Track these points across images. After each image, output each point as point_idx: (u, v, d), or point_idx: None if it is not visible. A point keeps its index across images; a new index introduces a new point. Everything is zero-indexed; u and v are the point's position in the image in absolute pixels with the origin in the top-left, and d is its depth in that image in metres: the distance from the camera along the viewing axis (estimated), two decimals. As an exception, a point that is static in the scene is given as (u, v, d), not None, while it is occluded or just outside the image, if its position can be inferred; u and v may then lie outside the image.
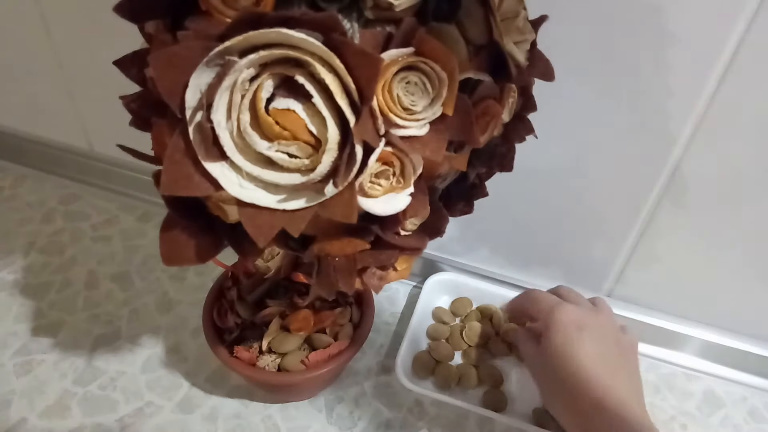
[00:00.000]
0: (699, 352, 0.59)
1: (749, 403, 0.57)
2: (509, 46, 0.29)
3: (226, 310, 0.51)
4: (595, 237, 0.56)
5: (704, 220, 0.51)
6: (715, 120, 0.45)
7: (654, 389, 0.57)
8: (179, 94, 0.25)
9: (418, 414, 0.53)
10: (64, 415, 0.51)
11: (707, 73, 0.43)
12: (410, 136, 0.27)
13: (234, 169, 0.26)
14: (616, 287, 0.59)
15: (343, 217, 0.26)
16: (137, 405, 0.52)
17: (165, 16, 0.26)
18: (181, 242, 0.29)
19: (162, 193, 0.26)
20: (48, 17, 0.61)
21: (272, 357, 0.49)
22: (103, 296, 0.61)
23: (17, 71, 0.68)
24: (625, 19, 0.42)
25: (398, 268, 0.36)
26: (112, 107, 0.34)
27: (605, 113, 0.48)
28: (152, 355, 0.56)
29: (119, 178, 0.72)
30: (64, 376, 0.54)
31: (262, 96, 0.25)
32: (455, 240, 0.61)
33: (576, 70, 0.45)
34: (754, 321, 0.57)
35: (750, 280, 0.54)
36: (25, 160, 0.77)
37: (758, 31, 0.40)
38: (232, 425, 0.51)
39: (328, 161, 0.26)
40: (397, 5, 0.25)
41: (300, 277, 0.49)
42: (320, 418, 0.52)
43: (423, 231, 0.34)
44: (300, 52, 0.24)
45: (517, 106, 0.34)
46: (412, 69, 0.26)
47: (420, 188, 0.29)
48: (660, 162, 0.49)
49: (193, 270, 0.65)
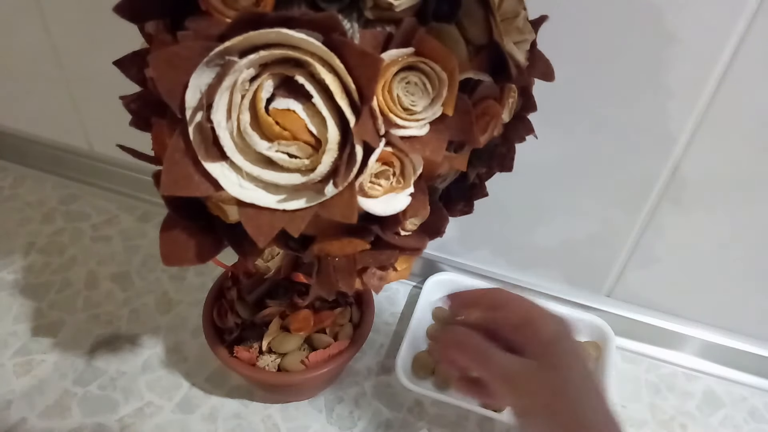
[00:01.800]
0: (699, 352, 0.59)
1: (749, 403, 0.57)
2: (509, 47, 0.29)
3: (226, 310, 0.51)
4: (595, 237, 0.56)
5: (704, 220, 0.51)
6: (715, 120, 0.45)
7: (654, 389, 0.57)
8: (179, 94, 0.25)
9: (418, 414, 0.53)
10: (64, 415, 0.51)
11: (707, 73, 0.43)
12: (410, 136, 0.27)
13: (234, 169, 0.26)
14: (616, 287, 0.59)
15: (343, 218, 0.26)
16: (137, 405, 0.52)
17: (165, 16, 0.26)
18: (181, 242, 0.29)
19: (162, 193, 0.26)
20: (48, 17, 0.61)
21: (272, 357, 0.49)
22: (103, 296, 0.61)
23: (17, 71, 0.68)
24: (625, 19, 0.42)
25: (398, 268, 0.35)
26: (112, 107, 0.34)
27: (605, 113, 0.47)
28: (152, 355, 0.56)
29: (119, 178, 0.72)
30: (64, 376, 0.54)
31: (262, 96, 0.25)
32: (455, 240, 0.61)
33: (576, 71, 0.45)
34: (754, 321, 0.57)
35: (750, 280, 0.54)
36: (25, 160, 0.77)
37: (758, 31, 0.40)
38: (232, 425, 0.51)
39: (328, 161, 0.26)
40: (397, 5, 0.25)
41: (300, 277, 0.49)
42: (320, 418, 0.52)
43: (423, 231, 0.33)
44: (300, 53, 0.24)
45: (517, 106, 0.34)
46: (412, 69, 0.26)
47: (420, 188, 0.29)
48: (660, 162, 0.49)
49: (193, 270, 0.65)
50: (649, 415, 0.55)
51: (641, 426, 0.54)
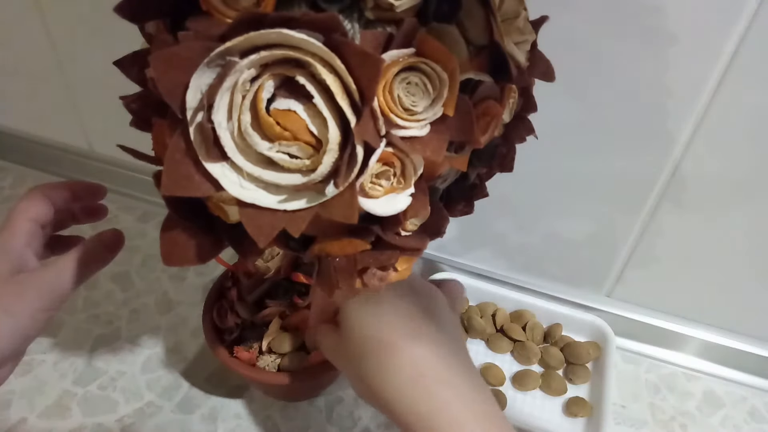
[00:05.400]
0: (699, 352, 0.59)
1: (749, 403, 0.57)
2: (510, 47, 0.29)
3: (226, 310, 0.51)
4: (595, 237, 0.56)
5: (704, 220, 0.51)
6: (715, 120, 0.45)
7: (654, 389, 0.57)
8: (180, 95, 0.25)
9: (418, 414, 0.53)
10: (64, 415, 0.51)
11: (707, 73, 0.43)
12: (411, 136, 0.27)
13: (235, 169, 0.26)
14: (616, 287, 0.59)
15: (343, 218, 0.26)
16: (137, 405, 0.52)
17: (165, 17, 0.26)
18: (181, 242, 0.29)
19: (162, 194, 0.26)
20: (48, 17, 0.61)
21: (272, 357, 0.49)
22: (103, 296, 0.61)
23: (17, 71, 0.68)
24: (625, 18, 0.42)
25: (398, 268, 0.35)
26: (112, 107, 0.34)
27: (605, 113, 0.47)
28: (152, 355, 0.56)
29: (119, 178, 0.72)
30: (64, 376, 0.54)
31: (263, 96, 0.25)
32: (455, 240, 0.61)
33: (576, 71, 0.45)
34: (754, 321, 0.57)
35: (750, 280, 0.54)
36: (25, 160, 0.77)
37: (758, 31, 0.40)
38: (232, 425, 0.51)
39: (329, 162, 0.25)
40: (397, 6, 0.25)
41: (300, 277, 0.49)
42: (320, 418, 0.52)
43: (423, 231, 0.33)
44: (301, 53, 0.24)
45: (518, 107, 0.34)
46: (413, 69, 0.26)
47: (420, 189, 0.29)
48: (660, 162, 0.49)
49: (193, 270, 0.65)
50: (649, 415, 0.55)
51: (641, 426, 0.54)
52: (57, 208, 0.40)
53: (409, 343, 0.35)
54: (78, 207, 0.43)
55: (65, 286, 0.36)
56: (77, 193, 0.42)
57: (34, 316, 0.34)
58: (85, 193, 0.43)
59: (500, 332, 0.59)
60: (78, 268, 0.36)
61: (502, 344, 0.58)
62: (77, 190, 0.42)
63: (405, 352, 0.34)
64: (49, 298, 0.35)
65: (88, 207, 0.44)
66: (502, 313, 0.60)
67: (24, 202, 0.39)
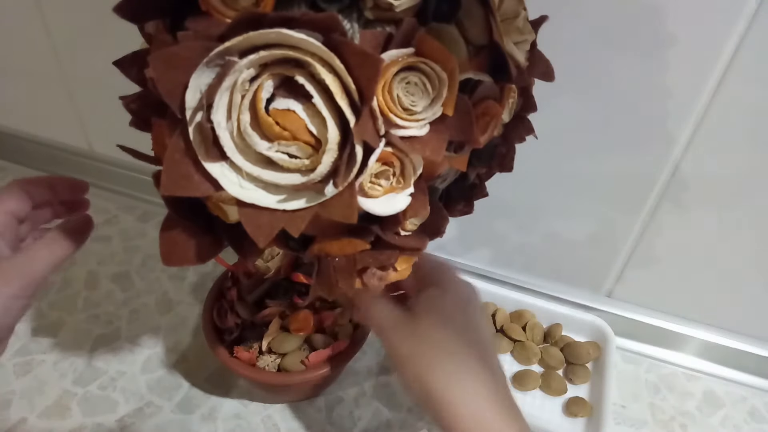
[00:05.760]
0: (699, 352, 0.59)
1: (749, 403, 0.57)
2: (509, 47, 0.29)
3: (226, 310, 0.51)
4: (596, 237, 0.56)
5: (704, 220, 0.51)
6: (715, 120, 0.45)
7: (654, 389, 0.57)
8: (179, 95, 0.25)
9: (418, 414, 0.53)
10: (64, 415, 0.51)
11: (707, 73, 0.43)
12: (410, 136, 0.27)
13: (234, 169, 0.26)
14: (616, 287, 0.59)
15: (343, 218, 0.26)
16: (137, 405, 0.52)
17: (165, 17, 0.26)
18: (181, 242, 0.29)
19: (162, 194, 0.26)
20: (48, 17, 0.61)
21: (272, 357, 0.49)
22: (103, 296, 0.61)
23: (17, 71, 0.68)
24: (625, 18, 0.42)
25: (398, 268, 0.35)
26: (112, 107, 0.34)
27: (605, 113, 0.47)
28: (152, 355, 0.56)
29: (119, 178, 0.72)
30: (64, 376, 0.54)
31: (263, 96, 0.25)
32: (455, 240, 0.61)
33: (576, 71, 0.45)
34: (754, 321, 0.57)
35: (750, 280, 0.54)
36: (25, 160, 0.77)
37: (758, 31, 0.40)
38: (232, 425, 0.51)
39: (328, 161, 0.25)
40: (397, 5, 0.25)
41: (300, 277, 0.49)
42: (320, 418, 0.52)
43: (423, 231, 0.33)
44: (300, 53, 0.24)
45: (517, 107, 0.34)
46: (412, 69, 0.26)
47: (420, 188, 0.29)
48: (660, 162, 0.49)
49: (193, 270, 0.65)
50: (649, 415, 0.55)
51: (641, 426, 0.54)
52: (35, 203, 0.40)
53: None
54: (58, 202, 0.43)
55: (37, 272, 0.36)
56: (57, 188, 0.42)
57: (5, 304, 0.35)
58: (66, 189, 0.43)
59: (500, 332, 0.59)
60: (48, 253, 0.36)
61: (502, 344, 0.58)
62: (57, 186, 0.42)
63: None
64: (19, 284, 0.35)
65: (69, 201, 0.44)
66: (502, 313, 0.60)
67: (1, 194, 0.39)
